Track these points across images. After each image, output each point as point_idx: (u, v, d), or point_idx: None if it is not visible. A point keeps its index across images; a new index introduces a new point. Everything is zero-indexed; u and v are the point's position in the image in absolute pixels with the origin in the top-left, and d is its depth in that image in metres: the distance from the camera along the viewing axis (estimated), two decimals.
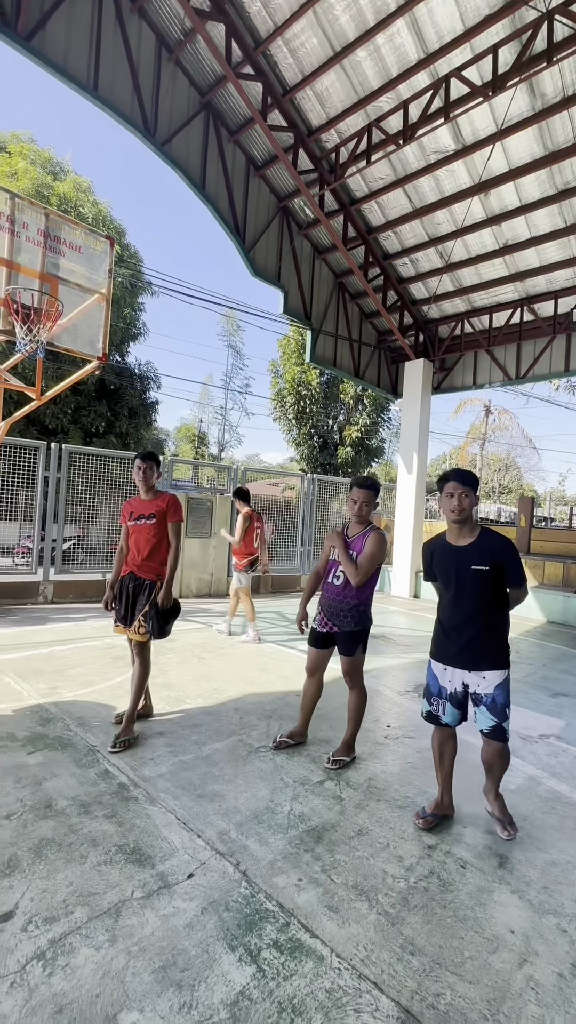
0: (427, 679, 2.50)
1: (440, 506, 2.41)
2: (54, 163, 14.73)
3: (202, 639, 5.65)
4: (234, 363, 39.77)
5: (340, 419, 19.95)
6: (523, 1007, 1.54)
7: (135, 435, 16.10)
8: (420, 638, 6.61)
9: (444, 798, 2.47)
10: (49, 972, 1.53)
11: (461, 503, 2.31)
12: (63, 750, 2.89)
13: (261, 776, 2.76)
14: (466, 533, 2.35)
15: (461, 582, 2.32)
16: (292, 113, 7.46)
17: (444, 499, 2.36)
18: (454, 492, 2.32)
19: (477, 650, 2.30)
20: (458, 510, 2.31)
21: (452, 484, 2.34)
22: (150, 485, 3.28)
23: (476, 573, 2.28)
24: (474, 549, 2.31)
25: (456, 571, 2.33)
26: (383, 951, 1.69)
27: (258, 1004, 1.47)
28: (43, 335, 5.13)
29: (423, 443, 10.34)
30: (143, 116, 6.88)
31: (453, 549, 2.37)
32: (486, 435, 31.13)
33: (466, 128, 6.96)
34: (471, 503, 2.33)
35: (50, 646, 4.95)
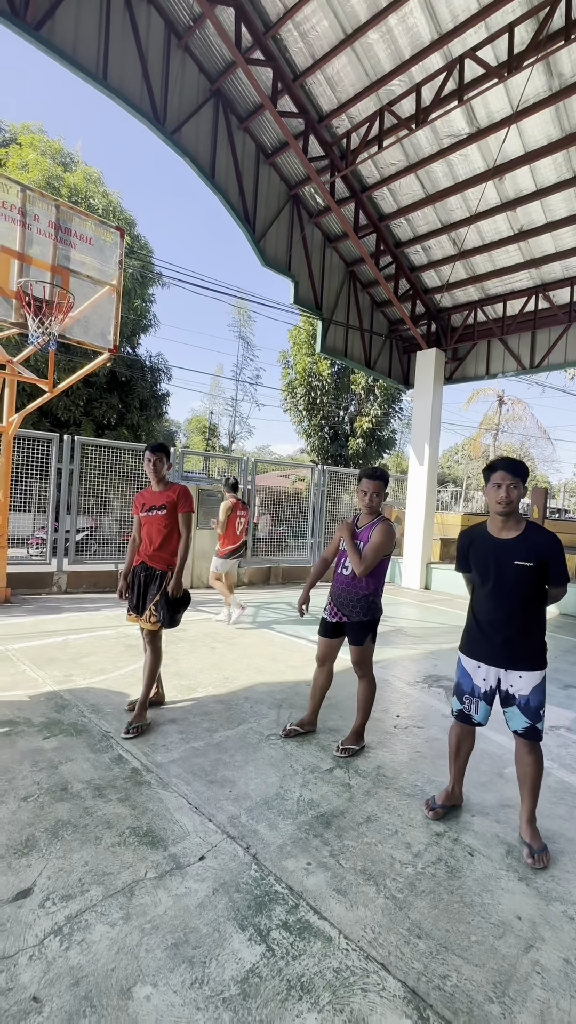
0: (457, 676, 2.40)
1: (485, 496, 2.28)
2: (64, 154, 14.71)
3: (213, 629, 5.71)
4: (244, 354, 39.68)
5: (351, 410, 19.83)
6: (529, 990, 1.56)
7: (146, 427, 16.19)
8: (430, 629, 6.61)
9: (455, 789, 2.47)
10: (66, 947, 1.58)
11: (509, 495, 2.17)
12: (78, 735, 2.96)
13: (271, 763, 2.80)
14: (511, 526, 2.22)
15: (502, 576, 2.20)
16: (302, 98, 7.36)
17: (490, 489, 2.22)
18: (502, 483, 2.18)
19: (515, 649, 2.20)
20: (505, 502, 2.17)
21: (501, 474, 2.19)
22: (161, 476, 3.31)
23: (519, 569, 2.16)
24: (519, 544, 2.18)
25: (497, 565, 2.22)
26: (390, 934, 1.72)
27: (267, 981, 1.51)
28: (55, 327, 5.17)
29: (435, 434, 10.25)
30: (152, 104, 6.83)
31: (495, 542, 2.25)
32: (499, 425, 30.74)
33: (480, 111, 6.80)
34: (519, 495, 2.19)
35: (64, 635, 5.04)
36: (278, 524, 10.64)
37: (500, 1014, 1.47)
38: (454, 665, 4.95)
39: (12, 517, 6.90)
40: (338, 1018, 1.42)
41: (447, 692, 4.18)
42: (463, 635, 2.42)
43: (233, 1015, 1.41)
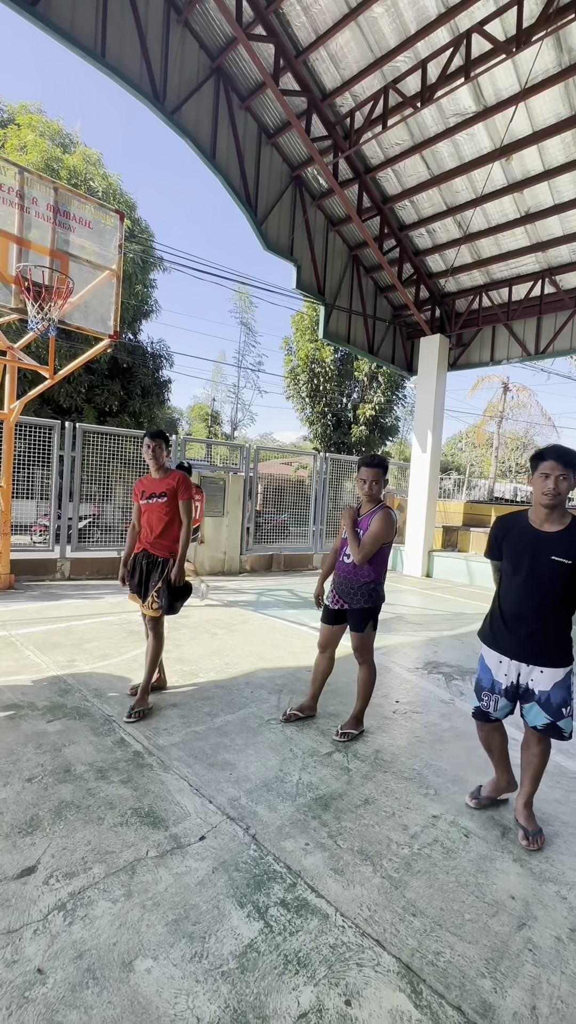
0: (478, 672, 2.34)
1: (532, 486, 2.14)
2: (63, 135, 14.46)
3: (215, 615, 5.75)
4: (246, 340, 39.36)
5: (354, 397, 19.70)
6: (520, 967, 1.60)
7: (148, 414, 16.14)
8: (431, 617, 6.64)
9: (501, 781, 2.43)
10: (69, 921, 1.62)
11: (558, 486, 2.03)
12: (81, 719, 3.00)
13: (271, 747, 2.84)
14: (555, 519, 2.10)
15: (536, 570, 2.10)
16: (305, 76, 7.18)
17: (537, 479, 2.08)
18: (551, 473, 2.04)
19: (539, 643, 2.12)
20: (552, 494, 2.04)
21: (550, 464, 2.05)
22: (160, 463, 3.31)
23: (556, 565, 2.05)
24: (561, 539, 2.07)
25: (532, 557, 2.11)
26: (386, 912, 1.76)
27: (265, 956, 1.55)
28: (54, 313, 5.13)
29: (438, 421, 10.19)
30: (152, 82, 6.69)
31: (535, 533, 2.13)
32: (503, 413, 30.49)
33: (488, 88, 6.64)
34: (569, 487, 2.05)
35: (67, 621, 5.09)
36: (280, 512, 10.65)
37: (492, 988, 1.51)
38: (455, 652, 4.99)
39: (15, 504, 6.92)
40: (333, 991, 1.46)
41: (447, 679, 4.21)
42: (485, 626, 2.35)
43: (231, 988, 1.45)
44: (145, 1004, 1.38)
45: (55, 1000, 1.38)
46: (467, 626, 6.06)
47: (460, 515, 13.11)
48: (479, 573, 9.65)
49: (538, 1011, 1.46)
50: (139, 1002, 1.39)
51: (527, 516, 2.21)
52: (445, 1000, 1.46)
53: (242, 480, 8.99)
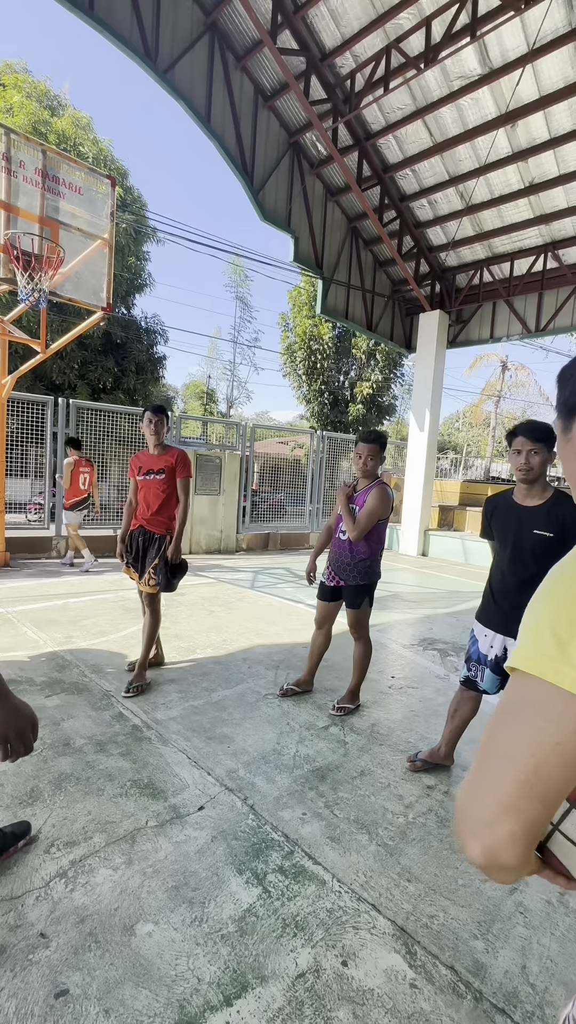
0: (469, 643, 2.41)
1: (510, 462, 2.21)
2: (51, 96, 13.86)
3: (212, 593, 5.77)
4: (242, 316, 38.62)
5: (351, 375, 19.47)
6: (512, 928, 1.64)
7: (143, 391, 15.92)
8: (427, 595, 6.69)
9: (442, 749, 2.52)
10: (71, 888, 1.65)
11: (529, 461, 2.09)
12: (79, 694, 3.02)
13: (268, 721, 2.87)
14: (535, 494, 2.16)
15: (519, 545, 2.15)
16: (304, 34, 6.86)
17: (512, 456, 2.16)
18: (522, 448, 2.11)
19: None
20: (525, 468, 2.10)
21: (521, 440, 2.11)
22: (160, 439, 3.26)
23: (538, 538, 2.10)
24: (541, 512, 2.12)
25: (516, 533, 2.16)
26: (381, 878, 1.80)
27: (264, 920, 1.59)
28: (45, 283, 4.98)
29: (436, 399, 10.09)
30: (143, 39, 6.37)
31: (518, 508, 2.20)
32: (501, 392, 30.28)
33: (494, 48, 6.36)
34: (542, 461, 2.10)
35: (64, 598, 5.09)
36: (276, 490, 10.62)
37: (484, 949, 1.56)
38: (450, 629, 5.04)
39: (9, 482, 6.86)
40: (330, 953, 1.50)
41: (442, 655, 4.26)
42: (480, 604, 2.40)
43: (231, 950, 1.48)
44: (147, 965, 1.42)
45: (58, 962, 1.41)
46: (462, 604, 6.11)
47: (457, 494, 13.12)
48: (475, 552, 9.70)
49: (528, 970, 1.50)
50: (141, 964, 1.42)
51: (512, 493, 2.27)
52: (439, 960, 1.51)
53: (238, 458, 8.93)
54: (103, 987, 1.35)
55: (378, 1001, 1.37)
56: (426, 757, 2.52)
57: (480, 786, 0.48)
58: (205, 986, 1.37)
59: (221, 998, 1.34)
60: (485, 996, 1.41)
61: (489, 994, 1.42)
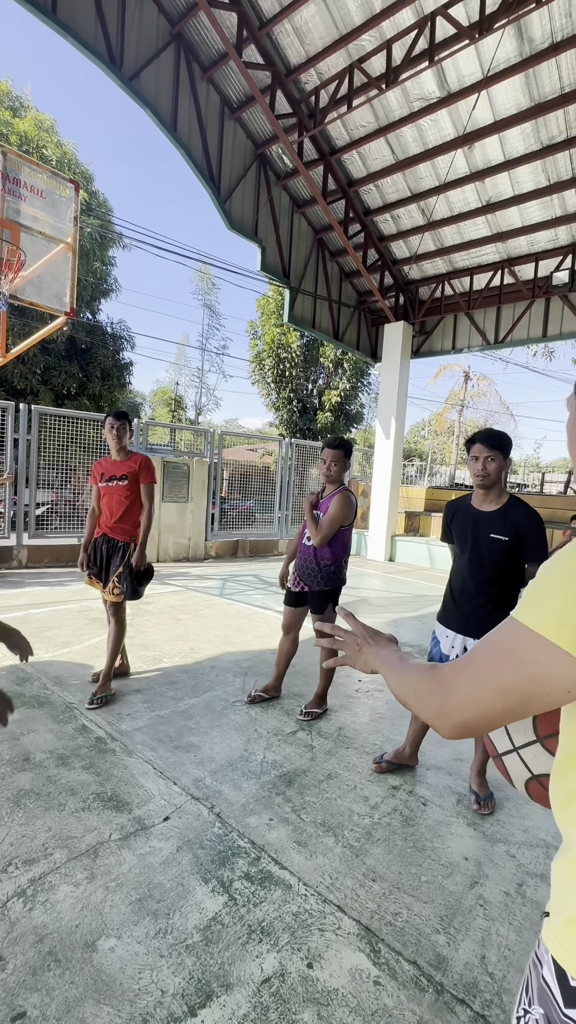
0: (431, 644, 2.46)
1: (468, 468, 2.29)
2: (12, 97, 13.58)
3: (179, 601, 5.70)
4: (210, 323, 38.55)
5: (320, 383, 19.69)
6: (472, 921, 1.69)
7: (108, 397, 15.64)
8: (394, 599, 6.81)
9: (407, 750, 2.56)
10: (30, 907, 1.60)
11: (486, 467, 2.17)
12: (40, 707, 2.93)
13: (236, 728, 2.86)
14: (492, 499, 2.24)
15: (476, 548, 2.22)
16: (269, 49, 6.99)
17: (470, 463, 2.24)
18: (479, 456, 2.18)
19: (483, 619, 2.22)
20: (482, 474, 2.18)
21: (478, 447, 2.20)
22: (122, 445, 3.22)
23: (493, 542, 2.17)
24: (497, 517, 2.20)
25: (473, 536, 2.23)
26: (347, 879, 1.82)
27: (229, 928, 1.58)
28: (5, 287, 4.87)
29: (401, 408, 10.33)
30: (108, 45, 6.35)
31: (475, 513, 2.27)
32: (465, 401, 31.23)
33: (451, 74, 6.65)
34: (498, 467, 2.19)
35: (26, 609, 4.93)
36: (245, 497, 10.60)
37: (445, 942, 1.60)
38: (416, 632, 5.14)
39: None
40: (296, 956, 1.51)
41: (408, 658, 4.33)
42: (441, 605, 2.46)
43: (196, 959, 1.47)
44: (108, 981, 1.39)
45: (15, 984, 1.36)
46: (428, 608, 6.24)
47: (422, 500, 13.42)
48: (440, 557, 9.93)
49: (487, 960, 1.55)
50: (102, 979, 1.39)
51: (471, 499, 2.35)
52: (402, 956, 1.53)
53: (207, 465, 8.89)
54: (63, 1007, 1.31)
55: (343, 1001, 1.39)
56: (391, 758, 2.56)
57: (463, 676, 0.66)
58: (169, 998, 1.36)
59: (185, 1009, 1.33)
60: (446, 988, 1.45)
61: (450, 986, 1.46)
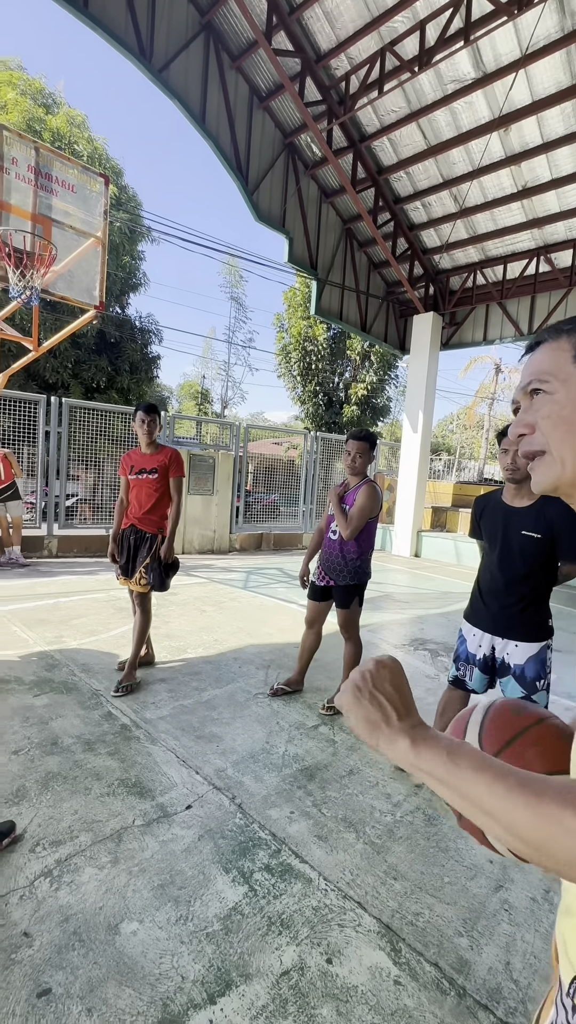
0: (457, 643, 2.39)
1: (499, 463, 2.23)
2: (46, 94, 13.79)
3: (204, 592, 5.76)
4: (237, 316, 38.62)
5: (346, 376, 19.51)
6: (496, 925, 1.65)
7: (137, 390, 15.85)
8: (419, 595, 6.72)
9: None
10: (56, 887, 1.64)
11: (515, 461, 2.08)
12: (68, 693, 3.00)
13: (258, 720, 2.87)
14: (524, 494, 2.14)
15: (507, 545, 2.14)
16: (299, 35, 6.88)
17: (500, 456, 2.14)
18: (509, 449, 2.09)
19: (512, 618, 2.14)
20: (512, 468, 2.09)
21: (508, 440, 2.11)
22: (152, 438, 3.25)
23: (525, 539, 2.08)
24: (530, 513, 2.10)
25: (504, 533, 2.15)
26: (368, 876, 1.81)
27: (249, 918, 1.59)
28: (37, 281, 4.96)
29: (429, 401, 10.13)
30: (138, 37, 6.36)
31: (506, 509, 2.18)
32: (495, 394, 30.46)
33: (488, 53, 6.41)
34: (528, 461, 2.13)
35: (55, 597, 5.06)
36: (270, 491, 10.62)
37: (468, 946, 1.57)
38: (441, 629, 5.06)
39: None
40: (315, 950, 1.50)
41: (432, 655, 4.27)
42: (468, 603, 2.39)
43: (215, 948, 1.48)
44: (131, 964, 1.41)
45: (41, 961, 1.40)
46: (454, 605, 6.13)
47: (449, 496, 13.18)
48: (467, 553, 9.74)
49: (512, 966, 1.51)
50: (124, 962, 1.42)
51: (501, 494, 2.26)
52: (423, 957, 1.51)
53: (232, 459, 8.92)
54: (86, 986, 1.34)
55: (362, 998, 1.38)
56: None
57: None
58: (189, 984, 1.37)
59: (205, 996, 1.34)
60: (468, 992, 1.42)
61: (472, 990, 1.43)
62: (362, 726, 0.54)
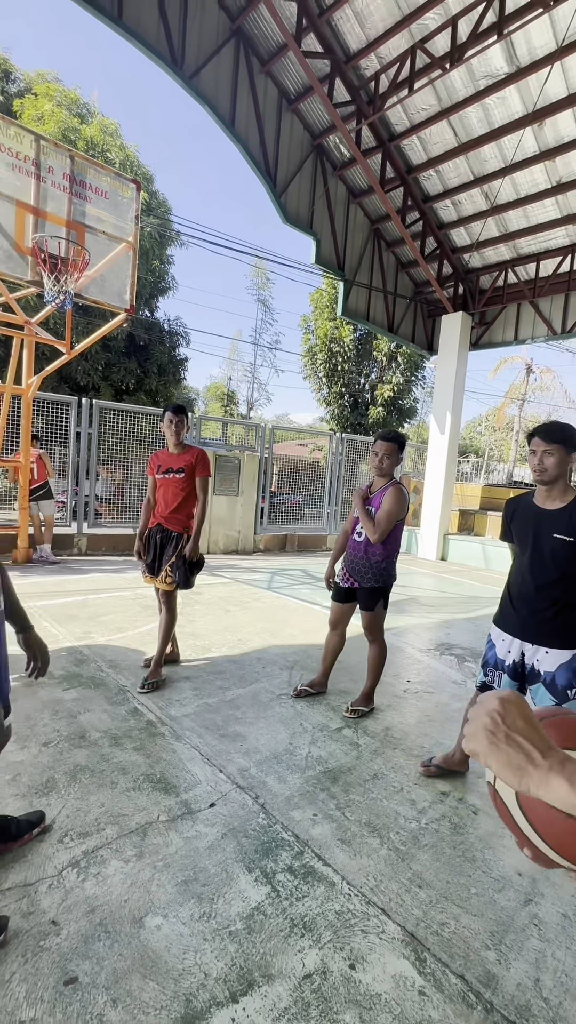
0: (486, 648, 2.33)
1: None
2: (80, 104, 14.17)
3: (228, 592, 5.79)
4: (264, 318, 38.82)
5: (372, 377, 19.37)
6: (525, 940, 1.60)
7: (164, 392, 16.10)
8: (445, 599, 6.61)
9: (457, 755, 2.47)
10: (83, 878, 1.68)
11: (543, 462, 2.04)
12: (96, 688, 3.06)
13: (281, 721, 2.87)
14: (555, 496, 2.08)
15: (538, 549, 2.08)
16: (328, 36, 6.88)
17: (529, 457, 2.12)
18: (537, 449, 2.06)
19: (543, 624, 2.08)
20: (539, 469, 2.06)
21: (536, 440, 2.07)
22: (179, 439, 3.29)
23: (557, 542, 2.02)
24: (561, 515, 2.04)
25: (535, 536, 2.09)
26: (392, 882, 1.78)
27: (272, 919, 1.59)
28: (70, 286, 5.09)
29: (457, 402, 9.97)
30: (170, 45, 6.47)
31: (537, 511, 2.13)
32: (526, 395, 29.73)
33: (522, 47, 6.28)
34: (558, 462, 2.03)
35: (84, 594, 5.17)
36: (294, 492, 10.62)
37: (496, 960, 1.52)
38: (468, 635, 4.96)
39: None
40: (338, 955, 1.48)
41: (459, 660, 4.19)
42: (498, 608, 2.34)
43: (238, 947, 1.48)
44: (155, 958, 1.43)
45: (68, 950, 1.43)
46: (481, 610, 6.01)
47: (477, 498, 12.92)
48: (495, 557, 9.53)
49: (542, 983, 1.46)
50: (149, 956, 1.43)
51: (533, 496, 2.20)
52: (449, 969, 1.48)
53: (257, 460, 8.96)
54: (111, 977, 1.36)
55: (385, 1006, 1.35)
56: (440, 762, 2.48)
57: None
58: (212, 982, 1.37)
59: (227, 994, 1.34)
60: (496, 1008, 1.38)
61: (500, 1006, 1.39)
62: (506, 772, 0.52)
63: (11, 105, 13.19)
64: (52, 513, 6.77)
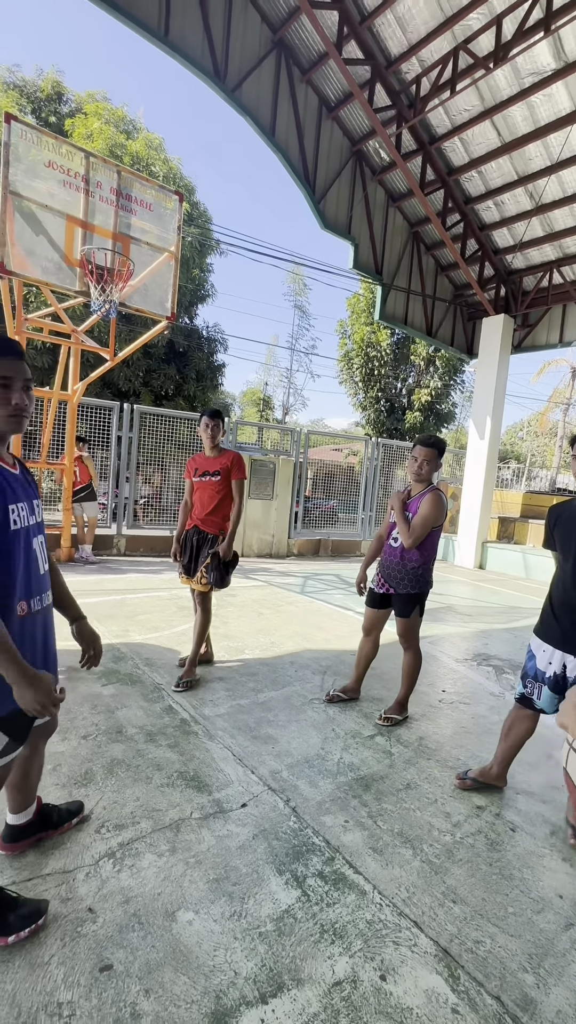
0: (526, 659, 2.29)
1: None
2: (127, 121, 14.71)
3: (262, 595, 5.83)
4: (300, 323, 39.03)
5: (409, 382, 19.12)
6: (566, 966, 1.53)
7: (202, 398, 16.40)
8: (483, 609, 6.42)
9: (494, 769, 2.39)
10: (118, 869, 1.72)
11: None
12: (132, 685, 3.14)
13: (313, 725, 2.86)
14: None
15: None
16: (369, 42, 6.89)
17: (571, 462, 2.10)
18: None
19: None
20: None
21: None
22: (216, 442, 3.35)
23: None
24: None
25: None
26: (425, 895, 1.74)
27: (302, 923, 1.58)
28: (115, 295, 5.27)
29: (498, 407, 9.71)
30: (214, 60, 6.65)
31: None
32: (571, 399, 28.64)
33: (570, 41, 6.10)
34: None
35: (122, 594, 5.32)
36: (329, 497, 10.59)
37: (534, 983, 1.46)
38: (507, 645, 4.82)
39: None
40: (369, 965, 1.46)
41: (497, 672, 4.07)
42: (539, 617, 2.27)
43: (268, 949, 1.48)
44: (186, 952, 1.45)
45: (104, 938, 1.47)
46: (521, 620, 5.81)
47: (518, 506, 12.52)
48: (536, 567, 9.20)
49: None
50: (180, 950, 1.45)
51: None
52: (484, 989, 1.43)
53: (292, 464, 9.00)
54: (144, 967, 1.39)
55: (417, 1021, 1.32)
56: (476, 775, 2.41)
57: None
58: (241, 980, 1.38)
59: (257, 995, 1.35)
60: None
61: None
62: None
63: (63, 125, 13.83)
64: (95, 514, 7.01)
